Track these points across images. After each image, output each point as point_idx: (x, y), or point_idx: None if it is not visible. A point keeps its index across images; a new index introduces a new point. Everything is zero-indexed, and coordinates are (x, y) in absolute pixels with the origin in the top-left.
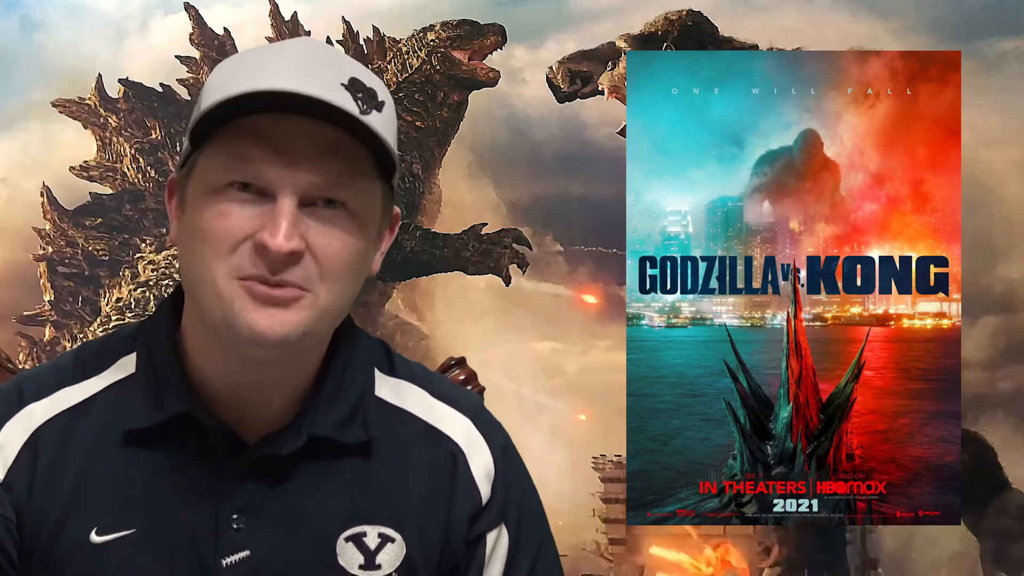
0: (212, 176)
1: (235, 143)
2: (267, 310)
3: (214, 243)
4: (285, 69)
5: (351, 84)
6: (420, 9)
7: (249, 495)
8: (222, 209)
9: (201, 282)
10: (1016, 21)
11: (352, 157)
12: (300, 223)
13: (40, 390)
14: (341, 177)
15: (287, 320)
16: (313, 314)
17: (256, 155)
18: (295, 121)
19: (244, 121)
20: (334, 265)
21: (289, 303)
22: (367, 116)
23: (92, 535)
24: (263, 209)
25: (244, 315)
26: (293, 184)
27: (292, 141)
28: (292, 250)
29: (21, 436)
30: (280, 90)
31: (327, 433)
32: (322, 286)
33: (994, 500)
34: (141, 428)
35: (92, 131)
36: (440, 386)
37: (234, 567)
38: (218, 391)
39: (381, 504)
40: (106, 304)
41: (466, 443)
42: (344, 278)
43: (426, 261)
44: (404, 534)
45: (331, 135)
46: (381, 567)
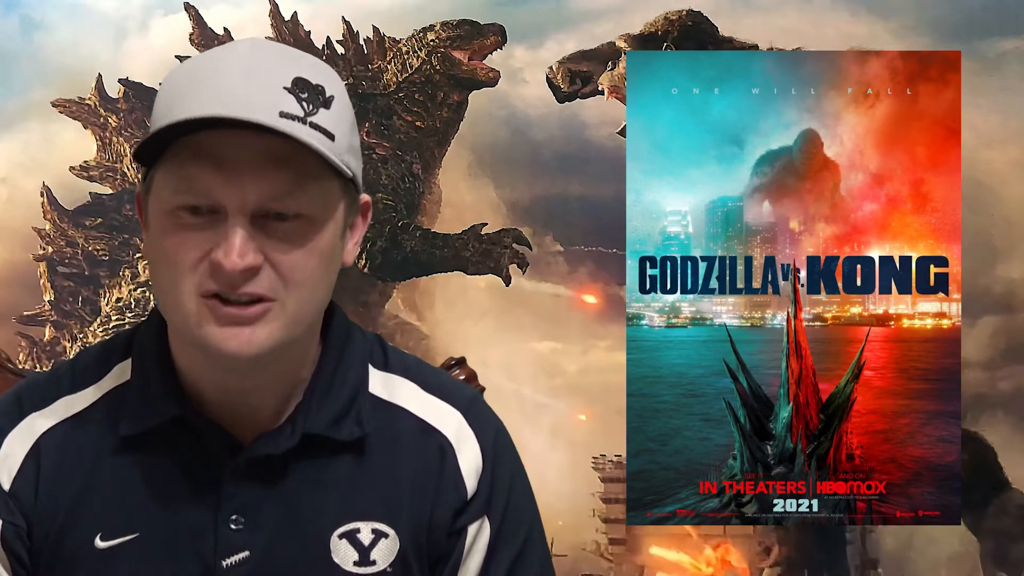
0: (165, 197)
1: (182, 164)
2: (233, 329)
3: (175, 265)
4: (227, 83)
5: (295, 85)
6: (420, 9)
7: (246, 495)
8: (179, 233)
9: (169, 302)
10: (1016, 21)
11: (300, 164)
12: (255, 238)
13: (40, 400)
14: (291, 186)
15: (255, 337)
16: (282, 323)
17: (203, 175)
18: (239, 136)
19: (189, 140)
20: (296, 273)
21: (255, 319)
22: (313, 116)
23: (97, 541)
24: (217, 229)
25: (211, 336)
26: (241, 201)
27: (236, 157)
28: (247, 267)
29: (24, 446)
30: (216, 116)
31: (320, 431)
32: (287, 293)
33: (994, 500)
34: (137, 433)
35: (92, 131)
36: (434, 379)
37: (234, 568)
38: (209, 395)
39: (374, 500)
40: (106, 304)
41: (455, 437)
42: (310, 283)
43: (426, 261)
44: (397, 529)
45: (275, 146)
46: (376, 563)
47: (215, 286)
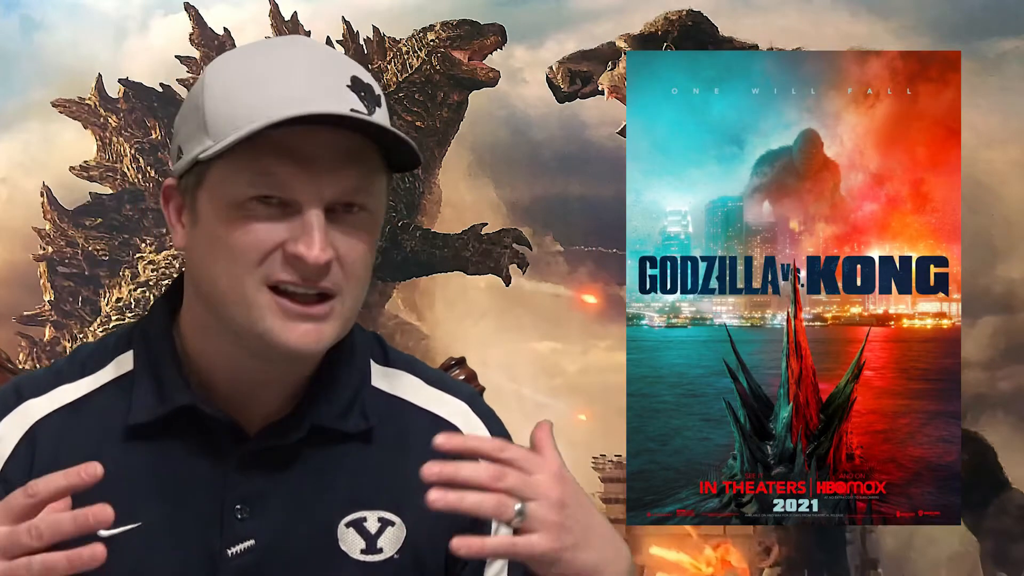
0: (234, 190)
1: (257, 159)
2: (302, 325)
3: (242, 256)
4: (296, 81)
5: (354, 84)
6: (420, 9)
7: (252, 485)
8: (248, 223)
9: (229, 297)
10: (1016, 21)
11: (368, 160)
12: (328, 232)
13: (38, 388)
14: (361, 181)
15: (320, 333)
16: (341, 320)
17: (282, 171)
18: (314, 133)
19: (262, 135)
20: (357, 268)
21: (323, 317)
22: (373, 115)
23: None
24: (289, 220)
25: (278, 330)
26: (319, 196)
27: (314, 153)
28: (328, 259)
29: (18, 431)
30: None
31: (328, 423)
32: (347, 289)
33: (994, 500)
34: (144, 422)
35: (92, 131)
36: (434, 374)
37: (240, 556)
38: (218, 385)
39: (380, 489)
40: (106, 304)
41: (465, 426)
42: (364, 279)
43: (426, 261)
44: (404, 517)
45: (348, 142)
46: (383, 551)
47: (288, 277)
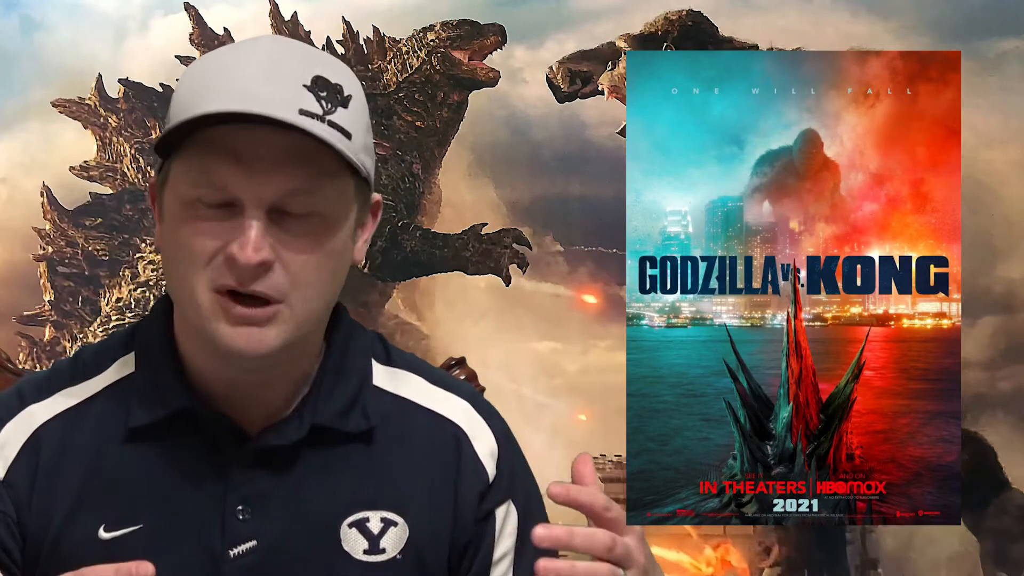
0: (183, 190)
1: (201, 157)
2: (244, 329)
3: (190, 257)
4: (247, 78)
5: (314, 83)
6: (420, 9)
7: (253, 485)
8: (194, 225)
9: (183, 296)
10: (1016, 21)
11: (318, 161)
12: (269, 234)
13: (40, 392)
14: (308, 183)
15: (264, 338)
16: (290, 325)
17: (221, 169)
18: (258, 132)
19: (208, 133)
20: (305, 274)
21: (265, 321)
22: (332, 115)
23: (101, 532)
24: (233, 222)
25: (222, 334)
26: (259, 196)
27: (256, 153)
28: (260, 261)
29: (22, 436)
30: (236, 111)
31: (329, 422)
32: (295, 294)
33: (994, 500)
34: (144, 425)
35: (92, 131)
36: (436, 373)
37: (242, 557)
38: (217, 386)
39: (383, 489)
40: (106, 304)
41: (467, 425)
42: (318, 283)
43: (426, 261)
44: (407, 517)
45: (295, 142)
46: (385, 551)
47: (229, 281)
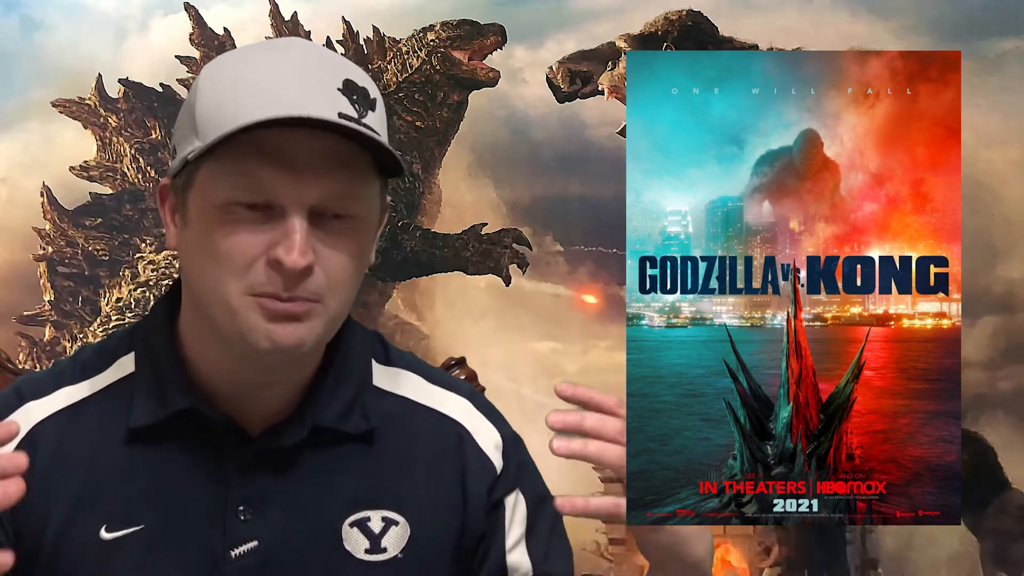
0: (218, 193)
1: (240, 161)
2: (282, 325)
3: (227, 262)
4: (284, 84)
5: (346, 87)
6: (420, 9)
7: (254, 486)
8: (231, 227)
9: (214, 299)
10: (1016, 21)
11: (356, 166)
12: (310, 238)
13: (39, 390)
14: (347, 187)
15: (301, 332)
16: (324, 322)
17: (264, 173)
18: (299, 136)
19: (247, 137)
20: (342, 275)
21: (303, 317)
22: (365, 119)
23: (102, 532)
24: (273, 226)
25: (259, 329)
26: (303, 200)
27: (299, 157)
28: (307, 265)
29: (19, 433)
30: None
31: (330, 423)
32: (330, 295)
33: (994, 500)
34: (146, 425)
35: (92, 131)
36: (435, 373)
37: (243, 557)
38: (219, 387)
39: (383, 489)
40: (106, 304)
41: (469, 422)
42: (350, 284)
43: (426, 261)
44: (408, 517)
45: (335, 147)
46: (387, 550)
47: (269, 286)
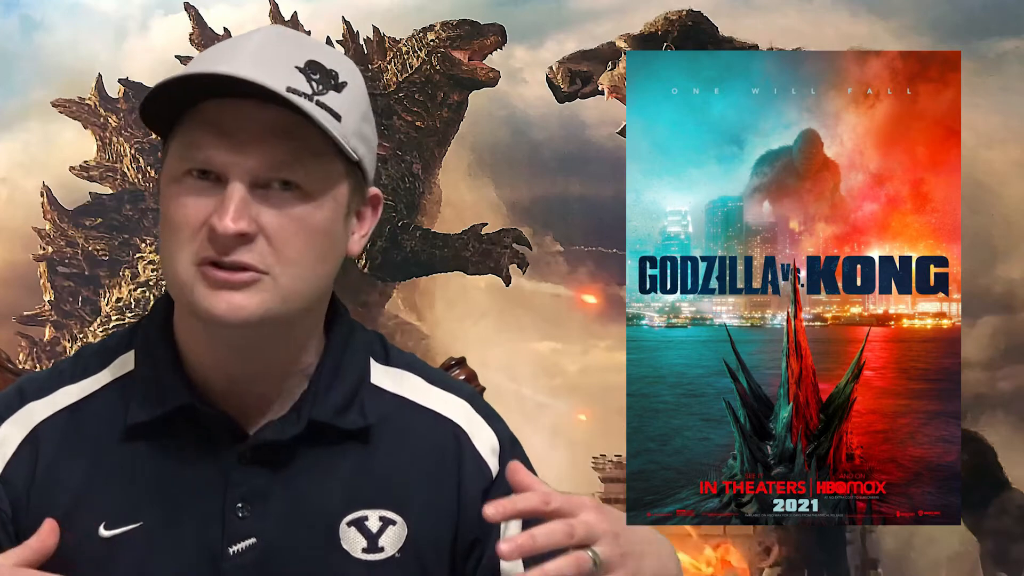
0: (173, 165)
1: (189, 132)
2: (222, 293)
3: (177, 231)
4: (240, 56)
5: (307, 66)
6: (420, 9)
7: (252, 483)
8: (182, 199)
9: (171, 273)
10: (1016, 21)
11: (303, 138)
12: (251, 206)
13: (40, 390)
14: (290, 157)
15: (244, 303)
16: (273, 296)
17: (206, 141)
18: (243, 106)
19: (196, 109)
20: (290, 246)
21: (243, 286)
22: (321, 96)
23: (101, 529)
24: (216, 194)
25: (202, 299)
26: (241, 167)
27: (240, 126)
28: (239, 232)
29: (20, 433)
30: (211, 72)
31: (326, 419)
32: (280, 268)
33: (994, 500)
34: (143, 422)
35: (92, 131)
36: (435, 373)
37: (241, 554)
38: (216, 382)
39: (381, 488)
40: (106, 304)
41: (467, 423)
42: (305, 260)
43: (426, 261)
44: (406, 516)
45: (279, 118)
46: (384, 549)
47: (209, 252)
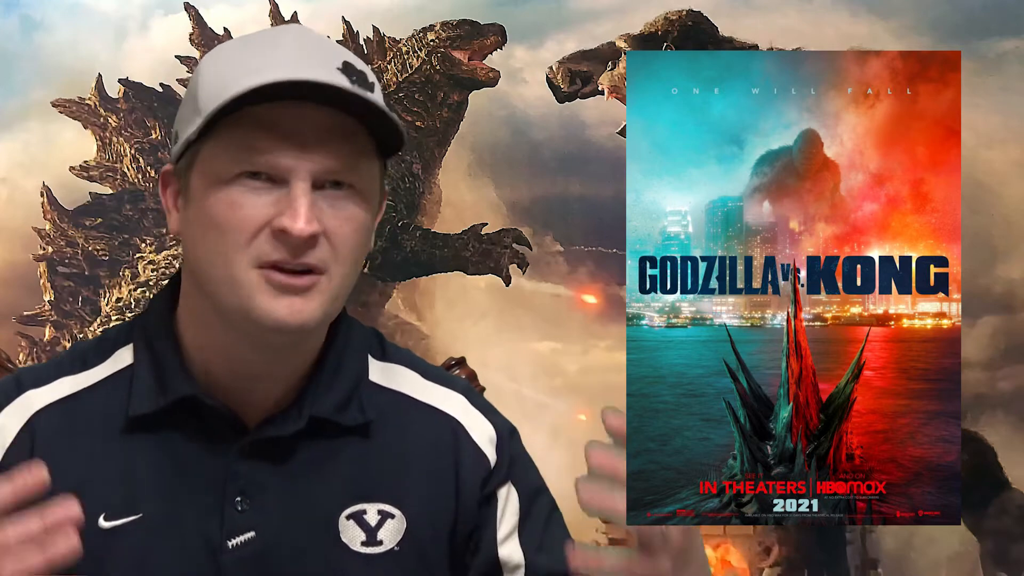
0: (220, 167)
1: (243, 134)
2: (287, 299)
3: (231, 234)
4: (284, 58)
5: (345, 68)
6: (420, 9)
7: (252, 477)
8: (235, 199)
9: (216, 273)
10: (1016, 21)
11: (356, 139)
12: (315, 206)
13: (38, 379)
14: (350, 159)
15: (305, 308)
16: (327, 297)
17: (266, 145)
18: (301, 108)
19: (249, 111)
20: (347, 246)
21: (304, 290)
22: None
23: (101, 521)
24: (276, 196)
25: (264, 305)
26: (306, 169)
27: (300, 128)
28: (312, 233)
29: (18, 421)
30: (291, 80)
31: (327, 415)
32: (335, 267)
33: (994, 500)
34: (145, 413)
35: (92, 131)
36: (430, 369)
37: (240, 548)
38: (218, 376)
39: (380, 482)
40: (106, 304)
41: (463, 416)
42: (353, 258)
43: (426, 261)
44: (404, 510)
45: (336, 119)
46: (383, 543)
47: (277, 256)
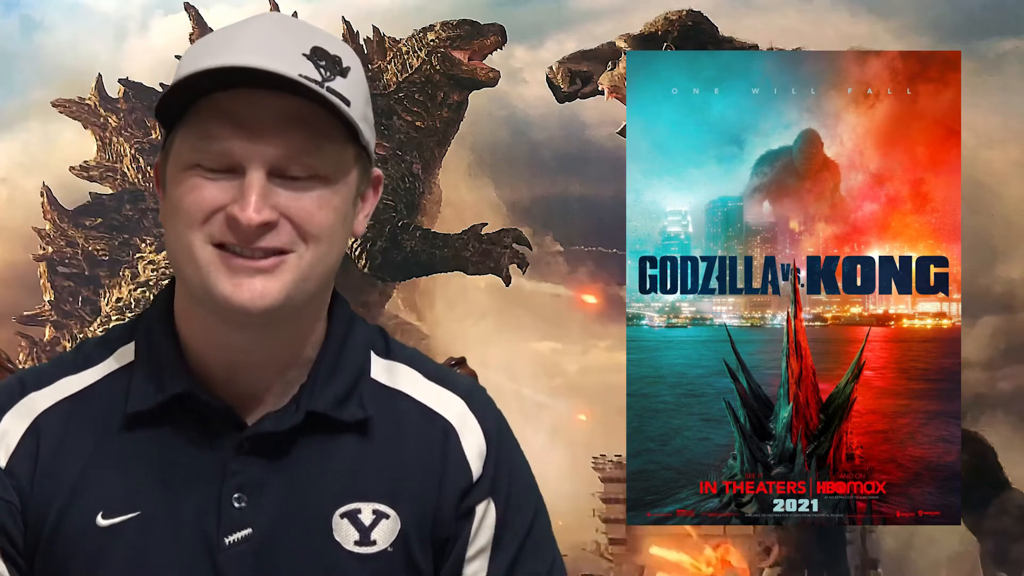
0: (184, 155)
1: (202, 122)
2: (245, 280)
3: (188, 215)
4: (247, 45)
5: (313, 53)
6: (420, 9)
7: (249, 473)
8: (194, 183)
9: (180, 254)
10: (1016, 21)
11: (317, 125)
12: (271, 194)
13: (41, 380)
14: (307, 145)
15: (268, 289)
16: (295, 276)
17: (222, 133)
18: (257, 95)
19: (209, 100)
20: (314, 226)
21: (268, 270)
22: (330, 82)
23: (99, 518)
24: (233, 182)
25: (222, 287)
26: (260, 157)
27: (256, 115)
28: (262, 222)
29: (23, 423)
30: (233, 66)
31: (324, 410)
32: (306, 246)
33: (994, 500)
34: (143, 411)
35: (92, 131)
36: (434, 368)
37: (237, 544)
38: (216, 372)
39: (375, 481)
40: (106, 304)
41: (458, 422)
42: (326, 237)
43: (426, 261)
44: (398, 510)
45: (293, 106)
46: (376, 543)
47: (229, 238)
